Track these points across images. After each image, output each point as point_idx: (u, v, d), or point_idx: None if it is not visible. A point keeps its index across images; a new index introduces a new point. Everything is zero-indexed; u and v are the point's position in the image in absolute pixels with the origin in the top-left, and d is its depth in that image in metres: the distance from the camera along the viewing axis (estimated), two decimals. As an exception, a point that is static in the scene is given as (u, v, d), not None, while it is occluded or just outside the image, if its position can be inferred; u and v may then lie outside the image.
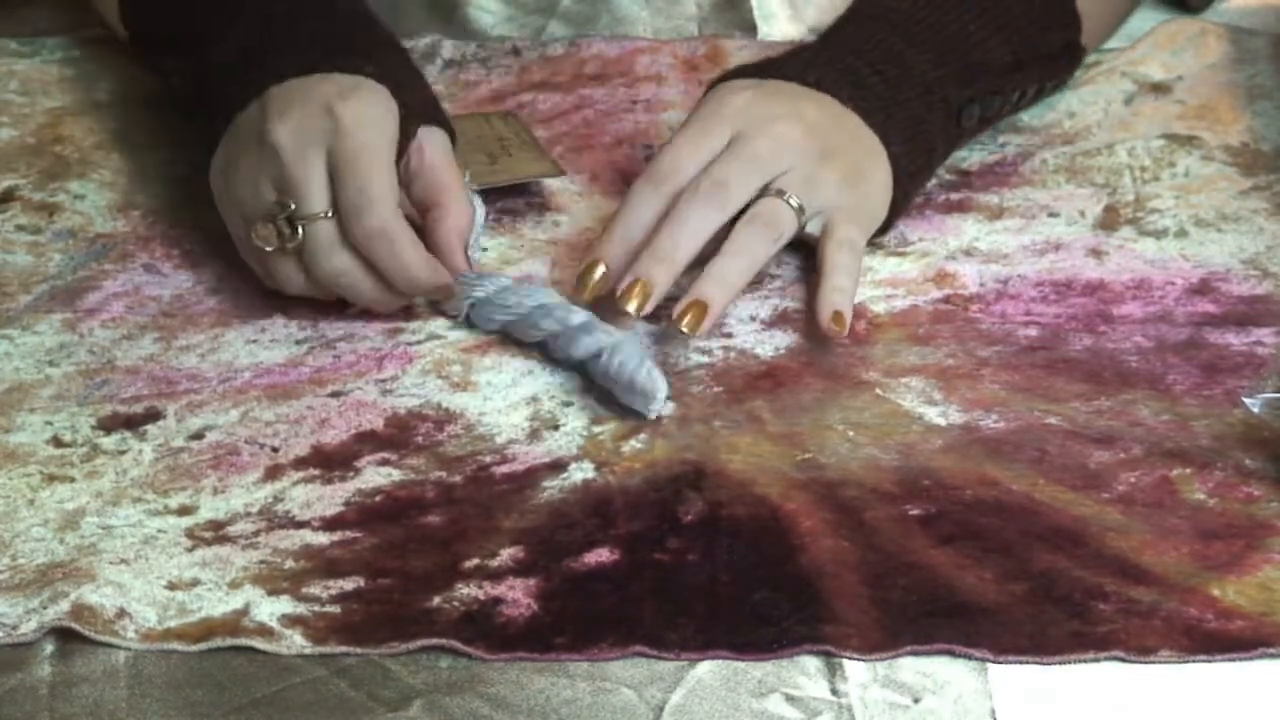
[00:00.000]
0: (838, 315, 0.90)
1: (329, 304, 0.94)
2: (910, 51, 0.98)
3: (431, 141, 0.94)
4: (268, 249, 0.91)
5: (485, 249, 0.97)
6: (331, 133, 0.90)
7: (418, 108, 0.94)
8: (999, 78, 1.00)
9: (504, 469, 0.86)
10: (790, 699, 0.76)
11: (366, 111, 0.91)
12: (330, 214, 0.90)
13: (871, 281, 0.96)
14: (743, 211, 0.92)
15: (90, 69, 1.09)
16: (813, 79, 0.96)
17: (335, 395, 0.90)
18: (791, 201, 0.92)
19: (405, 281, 0.91)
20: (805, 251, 0.98)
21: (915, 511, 0.83)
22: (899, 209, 0.97)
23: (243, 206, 0.92)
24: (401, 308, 0.94)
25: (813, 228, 0.94)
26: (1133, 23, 1.13)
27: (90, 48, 1.11)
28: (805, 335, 0.93)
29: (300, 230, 0.90)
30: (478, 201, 0.96)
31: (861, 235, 0.95)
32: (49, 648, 0.78)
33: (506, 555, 0.82)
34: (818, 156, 0.93)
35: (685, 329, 0.89)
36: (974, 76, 0.99)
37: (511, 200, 1.01)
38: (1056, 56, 1.04)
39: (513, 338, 0.93)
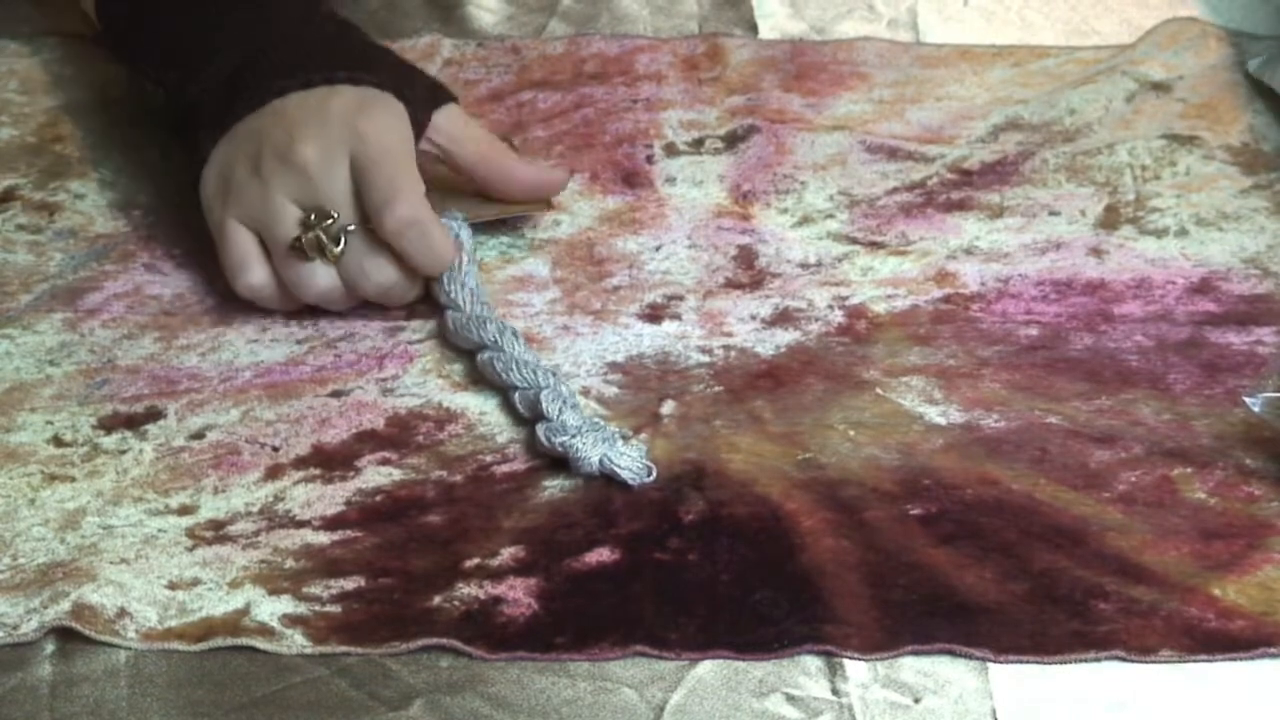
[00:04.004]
0: None
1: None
2: None
3: (449, 119, 0.95)
4: (311, 259, 0.91)
5: (483, 258, 0.97)
6: (355, 147, 0.91)
7: (423, 99, 0.95)
8: None
9: (505, 468, 0.86)
10: (791, 699, 0.76)
11: (384, 122, 0.92)
12: (360, 225, 0.91)
13: (872, 281, 0.96)
14: None
15: (91, 68, 1.09)
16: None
17: (336, 395, 0.90)
18: None
19: (439, 267, 0.92)
20: (804, 252, 0.98)
21: (916, 511, 0.83)
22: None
23: (261, 221, 0.92)
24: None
25: None
26: (1134, 16, 1.13)
27: (91, 47, 1.11)
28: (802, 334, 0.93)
29: (343, 240, 0.91)
30: (465, 233, 0.95)
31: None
32: (49, 647, 0.78)
33: (507, 555, 0.82)
34: None
35: None
36: None
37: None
38: None
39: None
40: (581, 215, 1.01)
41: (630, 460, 0.85)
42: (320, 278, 0.92)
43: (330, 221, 0.91)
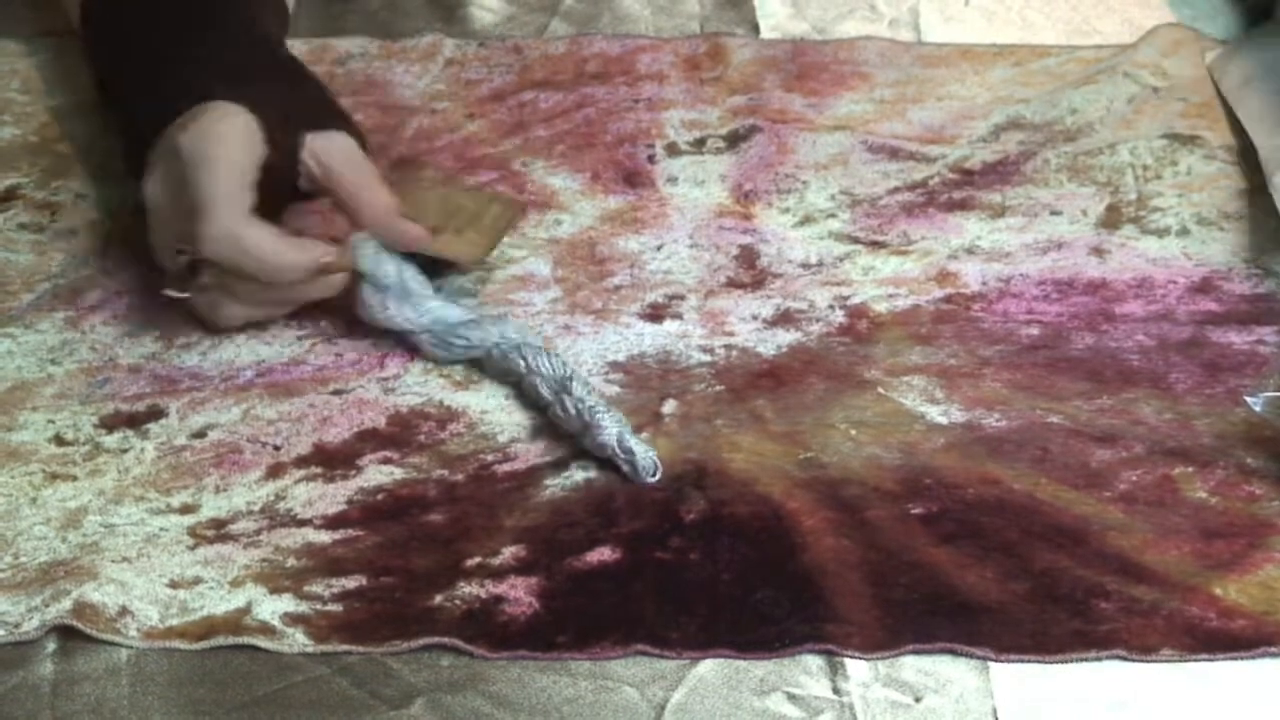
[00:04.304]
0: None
1: (330, 303, 0.94)
2: None
3: (327, 148, 0.92)
4: (180, 296, 0.89)
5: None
6: (177, 163, 0.88)
7: (304, 121, 0.92)
8: None
9: (506, 467, 0.86)
10: (792, 697, 0.76)
11: (208, 130, 0.88)
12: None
13: (874, 280, 0.96)
14: None
15: (92, 68, 1.09)
16: None
17: (337, 394, 0.90)
18: None
19: (271, 271, 0.88)
20: (806, 251, 0.98)
21: (917, 510, 0.83)
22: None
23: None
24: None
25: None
26: (1135, 16, 1.13)
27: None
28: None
29: (200, 267, 0.89)
30: (396, 262, 0.91)
31: None
32: (51, 646, 0.78)
33: (508, 554, 0.82)
34: None
35: None
36: None
37: (512, 198, 1.01)
38: None
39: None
40: (583, 215, 1.01)
41: (643, 450, 0.85)
42: (222, 307, 0.90)
43: (182, 255, 0.89)
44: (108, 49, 0.99)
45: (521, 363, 0.89)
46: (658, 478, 0.85)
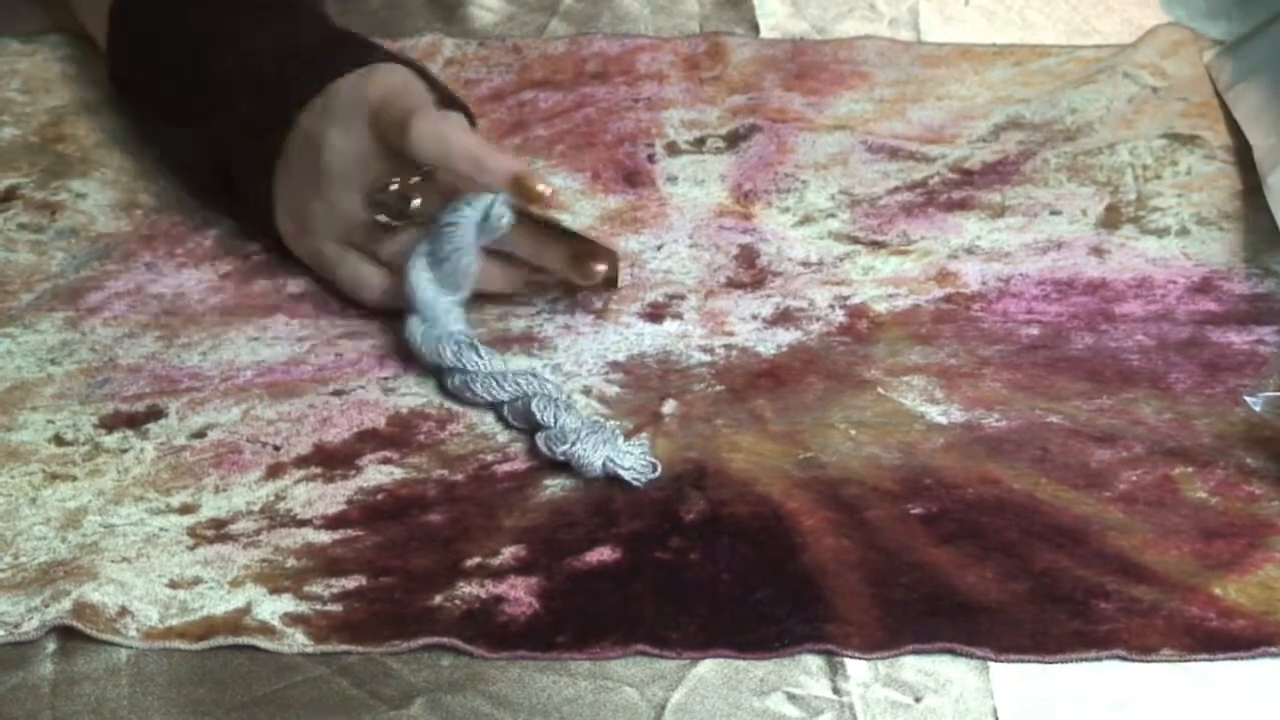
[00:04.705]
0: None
1: (330, 302, 0.94)
2: None
3: (451, 123, 0.92)
4: (404, 230, 0.91)
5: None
6: (368, 109, 0.90)
7: (435, 90, 0.94)
8: None
9: (506, 467, 0.86)
10: (792, 698, 0.76)
11: (388, 78, 0.92)
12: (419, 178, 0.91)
13: (873, 280, 0.96)
14: None
15: (92, 67, 1.09)
16: None
17: (337, 394, 0.90)
18: None
19: (477, 165, 0.90)
20: (806, 251, 0.98)
21: (917, 510, 0.83)
22: None
23: (344, 233, 0.92)
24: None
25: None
26: (1135, 16, 1.13)
27: (92, 46, 1.11)
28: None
29: (414, 197, 0.91)
30: (498, 210, 0.91)
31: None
32: (51, 646, 0.78)
33: (508, 554, 0.82)
34: None
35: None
36: None
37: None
38: None
39: (515, 335, 0.93)
40: (583, 214, 1.01)
41: (634, 459, 0.85)
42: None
43: (390, 188, 0.91)
44: (167, 41, 0.99)
45: (478, 398, 0.88)
46: (657, 474, 0.85)
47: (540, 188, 0.89)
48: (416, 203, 0.91)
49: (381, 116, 0.90)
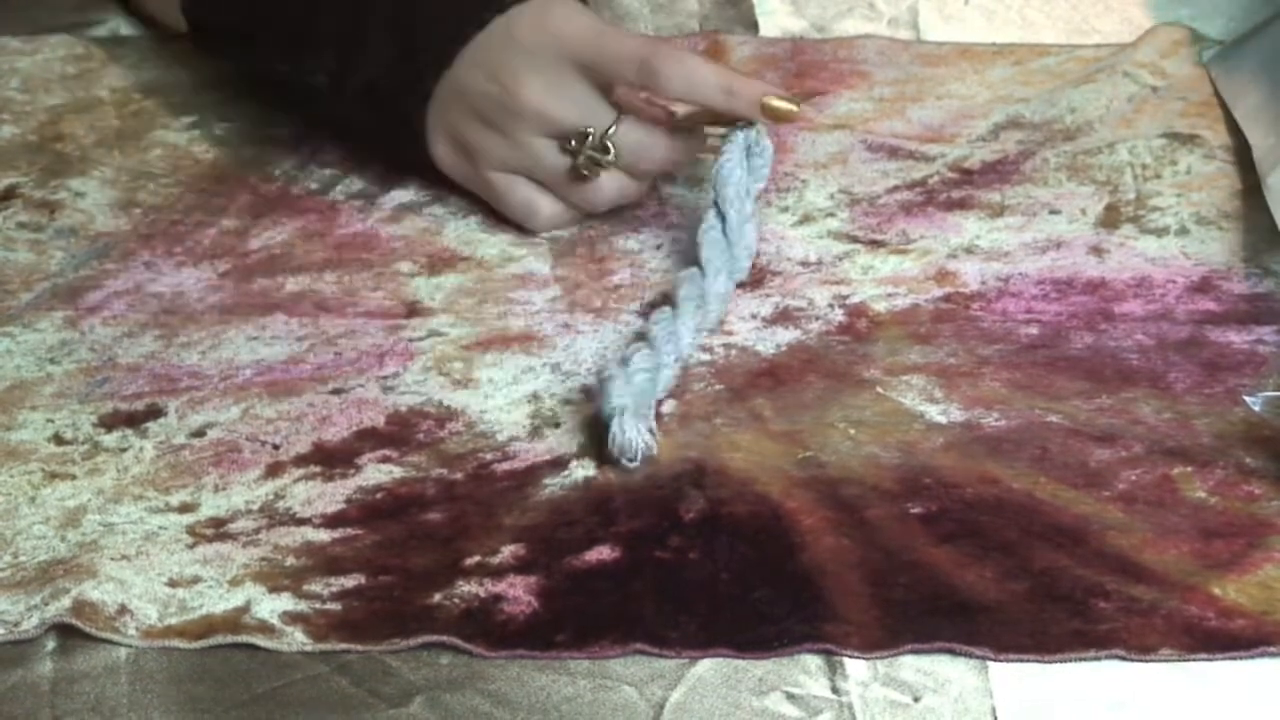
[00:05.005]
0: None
1: (330, 301, 0.94)
2: None
3: (687, 52, 0.95)
4: (594, 176, 0.94)
5: (483, 256, 0.97)
6: (567, 53, 0.92)
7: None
8: None
9: (505, 466, 0.86)
10: (791, 697, 0.76)
11: (571, 15, 0.93)
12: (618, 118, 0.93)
13: (873, 280, 0.96)
14: None
15: (92, 66, 1.09)
16: None
17: (336, 392, 0.90)
18: None
19: (731, 99, 0.92)
20: (805, 250, 0.98)
21: (916, 510, 0.83)
22: None
23: (523, 165, 0.94)
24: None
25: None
26: (1135, 15, 1.13)
27: (92, 45, 1.11)
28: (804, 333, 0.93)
29: (612, 146, 0.93)
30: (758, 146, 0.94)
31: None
32: (50, 644, 0.78)
33: (507, 553, 0.82)
34: None
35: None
36: None
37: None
38: None
39: (514, 335, 0.93)
40: (582, 213, 1.01)
41: (633, 434, 0.84)
42: (606, 187, 0.95)
43: (589, 138, 0.92)
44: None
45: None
46: (636, 464, 0.85)
47: (787, 106, 0.92)
48: (611, 153, 0.93)
49: (583, 54, 0.92)
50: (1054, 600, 0.79)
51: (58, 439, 0.88)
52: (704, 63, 0.94)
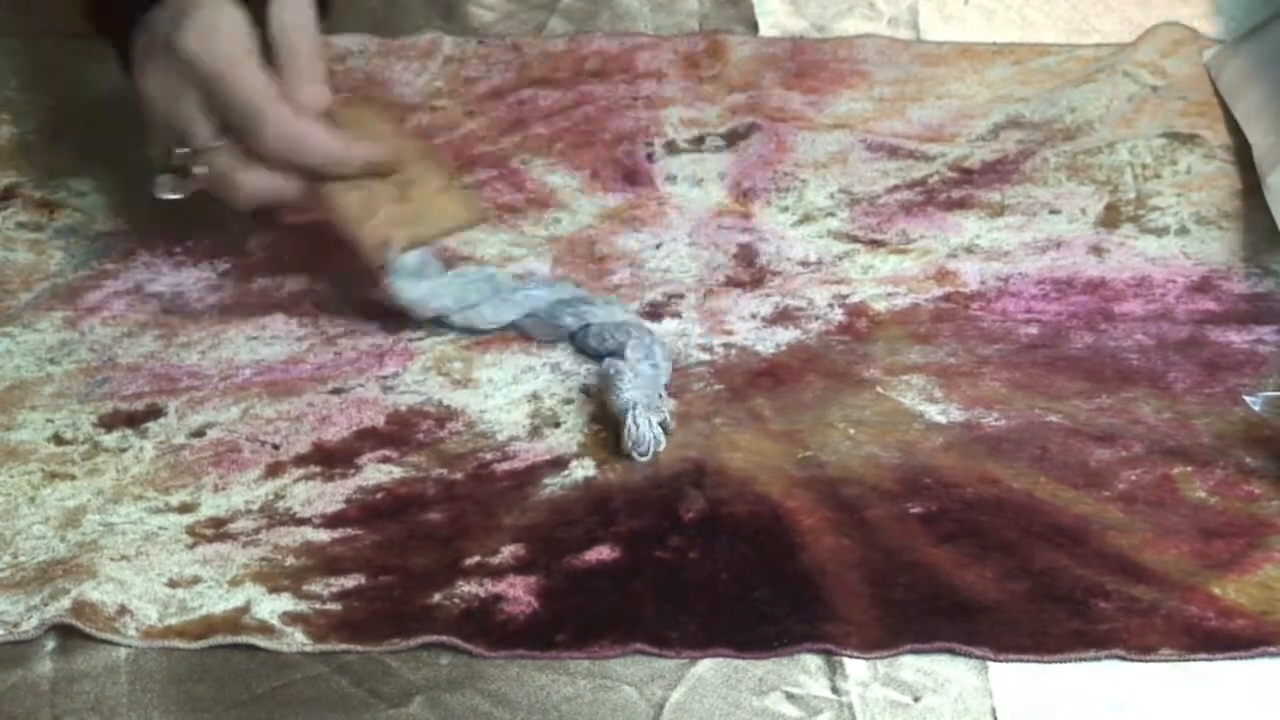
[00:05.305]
0: None
1: (329, 300, 0.94)
2: None
3: (285, 6, 0.92)
4: (174, 197, 0.91)
5: (484, 255, 0.97)
6: (188, 72, 0.89)
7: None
8: None
9: (505, 466, 0.86)
10: (791, 697, 0.76)
11: (209, 30, 0.90)
12: (219, 142, 0.90)
13: (873, 279, 0.96)
14: None
15: (92, 66, 1.09)
16: None
17: (336, 392, 0.90)
18: None
19: (336, 163, 0.90)
20: (805, 250, 0.98)
21: (916, 510, 0.83)
22: None
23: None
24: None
25: None
26: (1134, 15, 1.13)
27: (92, 45, 1.11)
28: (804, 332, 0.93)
29: (204, 161, 0.90)
30: (420, 255, 0.92)
31: None
32: (50, 644, 0.78)
33: (507, 552, 0.82)
34: None
35: None
36: None
37: (511, 196, 1.01)
38: None
39: (513, 334, 0.93)
40: (582, 213, 1.01)
41: (647, 429, 0.84)
42: (241, 185, 0.91)
43: (185, 150, 0.90)
44: None
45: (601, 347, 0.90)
46: (648, 458, 0.85)
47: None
48: (200, 170, 0.91)
49: (206, 80, 0.89)
50: (1054, 600, 0.79)
51: (57, 439, 0.88)
52: (319, 133, 0.90)
